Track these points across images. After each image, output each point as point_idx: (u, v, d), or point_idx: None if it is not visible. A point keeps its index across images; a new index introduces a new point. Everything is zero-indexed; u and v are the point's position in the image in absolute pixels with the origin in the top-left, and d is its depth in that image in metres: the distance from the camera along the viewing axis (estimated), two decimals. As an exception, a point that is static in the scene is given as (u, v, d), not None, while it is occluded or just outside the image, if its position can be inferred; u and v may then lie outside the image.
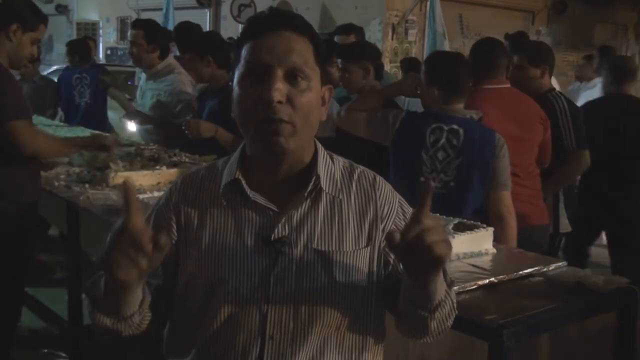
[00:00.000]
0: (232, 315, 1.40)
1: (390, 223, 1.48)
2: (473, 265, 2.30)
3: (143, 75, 4.80)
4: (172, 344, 1.52)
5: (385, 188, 1.52)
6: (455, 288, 2.03)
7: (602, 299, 2.12)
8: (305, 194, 1.43)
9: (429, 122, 3.01)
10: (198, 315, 1.44)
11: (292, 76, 1.37)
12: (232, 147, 3.78)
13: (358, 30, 5.03)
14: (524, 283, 2.22)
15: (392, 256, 1.47)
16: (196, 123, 3.91)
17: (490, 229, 2.54)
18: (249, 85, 1.38)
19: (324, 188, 1.44)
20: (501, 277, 2.20)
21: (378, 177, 1.54)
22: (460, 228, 2.49)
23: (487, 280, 2.16)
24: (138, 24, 4.68)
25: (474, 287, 2.11)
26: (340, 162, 1.53)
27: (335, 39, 4.77)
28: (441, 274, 1.36)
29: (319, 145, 1.50)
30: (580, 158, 3.76)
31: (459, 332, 1.90)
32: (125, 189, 1.24)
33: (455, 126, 2.96)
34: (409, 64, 6.99)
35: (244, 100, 1.39)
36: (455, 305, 1.48)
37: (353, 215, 1.46)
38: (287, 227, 1.41)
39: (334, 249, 1.42)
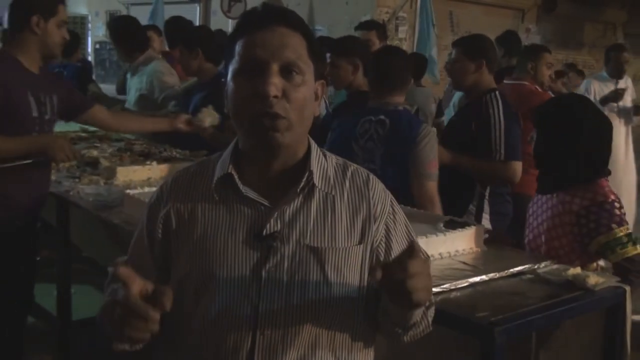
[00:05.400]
0: (223, 311, 1.40)
1: (382, 223, 1.49)
2: (464, 263, 2.31)
3: (130, 73, 4.84)
4: (165, 338, 1.51)
5: (378, 187, 1.52)
6: (446, 285, 2.06)
7: (592, 297, 2.13)
8: (298, 190, 1.43)
9: (361, 115, 3.15)
10: (190, 311, 1.43)
11: (287, 71, 1.37)
12: (215, 142, 3.79)
13: (380, 27, 4.90)
14: (515, 281, 2.23)
15: (383, 256, 1.48)
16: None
17: (482, 226, 2.55)
18: (243, 81, 1.38)
19: (316, 184, 1.44)
20: (492, 274, 2.21)
21: (371, 176, 1.53)
22: (451, 225, 2.50)
23: (478, 278, 2.17)
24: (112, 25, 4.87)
25: (465, 284, 2.12)
26: (334, 159, 1.53)
27: (357, 34, 4.67)
28: None
29: (312, 142, 1.50)
30: (507, 169, 3.40)
31: (450, 329, 1.92)
32: (123, 275, 1.22)
33: (382, 117, 3.08)
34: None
35: (239, 95, 1.39)
36: (430, 322, 1.51)
37: (346, 212, 1.46)
38: (279, 223, 1.41)
39: (326, 245, 1.42)
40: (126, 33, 4.67)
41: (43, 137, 2.95)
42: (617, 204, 2.51)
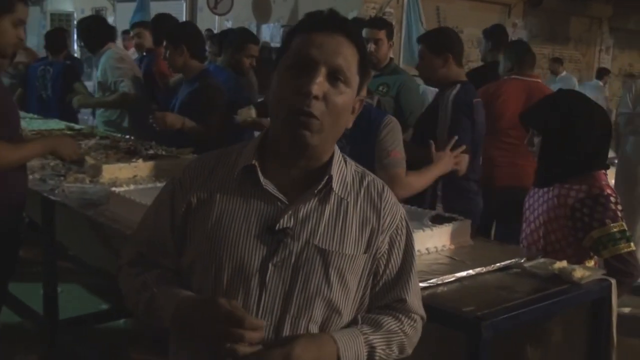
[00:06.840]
0: (227, 297, 1.42)
1: (388, 236, 1.52)
2: (451, 258, 2.32)
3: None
4: None
5: (391, 200, 1.55)
6: (433, 280, 2.06)
7: (579, 291, 2.14)
8: (316, 191, 1.46)
9: None
10: (198, 290, 1.47)
11: (334, 77, 1.42)
12: (201, 139, 3.77)
13: (390, 27, 4.60)
14: (502, 275, 2.23)
15: (383, 268, 1.52)
16: (162, 115, 3.90)
17: (468, 221, 2.55)
18: (291, 76, 1.42)
19: (334, 188, 1.48)
20: (479, 269, 2.21)
21: (386, 188, 1.57)
22: (438, 220, 2.50)
23: (465, 273, 2.17)
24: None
25: (452, 279, 2.13)
26: (353, 166, 1.57)
27: (364, 32, 4.31)
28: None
29: (336, 148, 1.54)
30: None
31: (437, 324, 1.91)
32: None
33: None
34: None
35: (282, 88, 1.43)
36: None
37: (356, 220, 1.50)
38: (292, 220, 1.45)
39: (334, 249, 1.46)
40: (89, 30, 5.12)
41: (51, 139, 2.97)
42: (612, 199, 2.49)
